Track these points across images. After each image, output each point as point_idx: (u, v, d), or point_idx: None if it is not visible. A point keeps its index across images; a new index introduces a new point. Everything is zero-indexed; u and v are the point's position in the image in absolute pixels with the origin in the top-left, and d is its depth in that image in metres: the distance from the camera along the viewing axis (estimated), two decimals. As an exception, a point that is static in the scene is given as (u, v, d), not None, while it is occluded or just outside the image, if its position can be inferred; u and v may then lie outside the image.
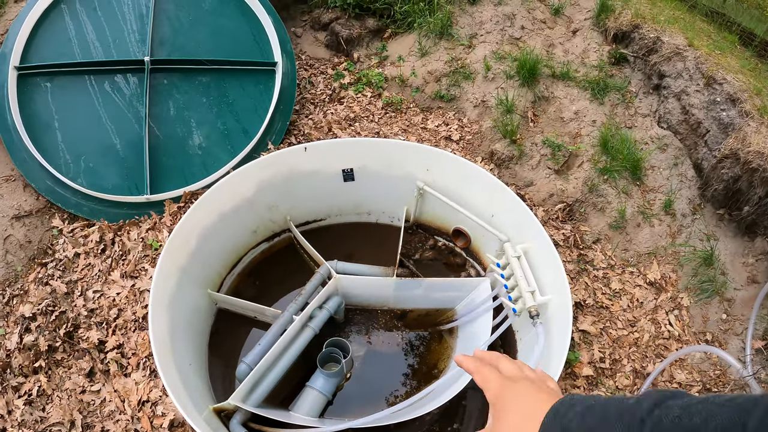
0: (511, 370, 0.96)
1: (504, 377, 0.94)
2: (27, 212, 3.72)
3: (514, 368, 0.96)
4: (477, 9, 5.02)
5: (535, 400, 0.86)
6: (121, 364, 3.18)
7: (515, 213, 3.06)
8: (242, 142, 4.03)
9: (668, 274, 3.82)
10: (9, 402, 3.04)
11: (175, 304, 2.81)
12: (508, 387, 0.90)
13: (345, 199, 3.63)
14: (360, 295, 3.36)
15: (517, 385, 0.90)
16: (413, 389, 3.19)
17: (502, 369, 0.97)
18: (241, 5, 4.42)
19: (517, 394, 0.89)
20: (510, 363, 0.98)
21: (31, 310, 3.32)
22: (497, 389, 0.91)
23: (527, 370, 0.97)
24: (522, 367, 0.98)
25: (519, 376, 0.94)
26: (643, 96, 4.49)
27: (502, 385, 0.92)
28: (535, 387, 0.89)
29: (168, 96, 4.04)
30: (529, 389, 0.89)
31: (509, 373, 0.95)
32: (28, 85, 3.89)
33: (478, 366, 0.99)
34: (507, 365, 0.98)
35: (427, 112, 4.76)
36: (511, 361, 0.99)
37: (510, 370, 0.96)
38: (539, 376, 0.96)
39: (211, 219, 3.08)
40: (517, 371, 0.95)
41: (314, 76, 5.04)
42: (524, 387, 0.89)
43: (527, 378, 0.93)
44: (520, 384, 0.90)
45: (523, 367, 0.98)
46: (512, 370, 0.96)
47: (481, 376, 0.96)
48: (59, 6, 4.09)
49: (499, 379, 0.93)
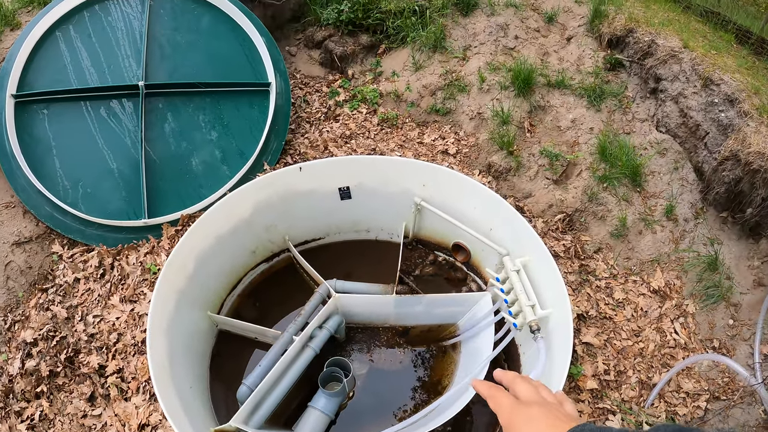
0: (527, 393, 0.93)
1: (517, 401, 0.91)
2: (27, 238, 3.74)
3: (530, 391, 0.93)
4: (470, 21, 5.03)
5: (547, 426, 0.83)
6: (121, 388, 3.18)
7: (513, 226, 3.04)
8: (238, 163, 4.04)
9: (672, 281, 3.78)
10: (12, 427, 3.04)
11: (174, 327, 2.80)
12: (521, 412, 0.88)
13: (343, 218, 3.62)
14: (360, 314, 3.34)
15: (530, 410, 0.87)
16: (417, 406, 3.16)
17: (518, 392, 0.95)
18: (234, 27, 4.44)
19: (529, 419, 0.86)
20: (526, 385, 0.96)
21: (32, 336, 3.32)
22: (509, 414, 0.89)
23: (545, 392, 0.95)
24: (539, 389, 0.95)
25: (533, 399, 0.91)
26: (641, 101, 4.47)
27: (514, 409, 0.89)
28: (548, 412, 0.86)
29: (163, 120, 4.06)
30: (541, 414, 0.86)
31: (524, 397, 0.93)
32: (26, 113, 3.91)
33: (492, 391, 0.96)
34: (523, 388, 0.95)
35: (423, 127, 4.75)
36: (528, 383, 0.96)
37: (525, 394, 0.93)
38: (557, 399, 0.93)
39: (209, 241, 3.08)
40: (533, 394, 0.93)
41: (309, 94, 5.05)
42: (537, 412, 0.86)
43: (542, 402, 0.90)
44: (533, 408, 0.87)
45: (541, 389, 0.96)
46: (528, 394, 0.93)
47: (494, 401, 0.94)
48: (54, 34, 4.12)
49: (511, 404, 0.90)
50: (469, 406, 2.86)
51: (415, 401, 3.21)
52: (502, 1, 5.10)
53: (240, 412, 2.66)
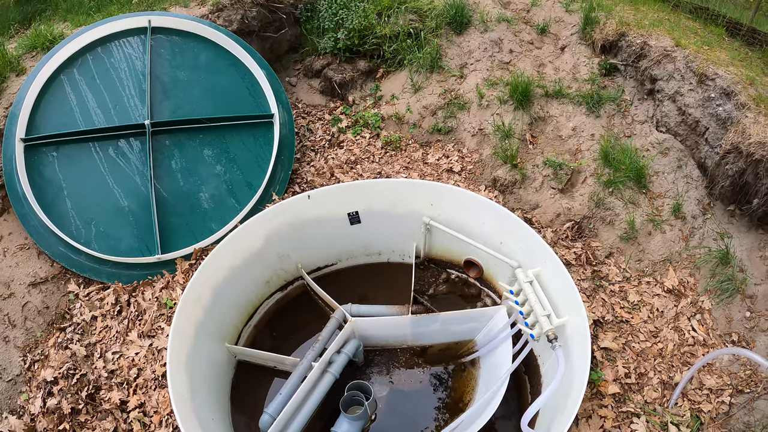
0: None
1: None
2: (43, 279, 3.78)
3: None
4: (464, 39, 5.09)
5: None
6: (144, 422, 3.19)
7: (523, 238, 3.07)
8: (247, 195, 4.09)
9: (686, 279, 3.77)
10: (37, 465, 3.05)
11: (193, 360, 2.83)
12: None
13: (354, 242, 3.66)
14: (377, 336, 3.36)
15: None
16: (440, 425, 3.16)
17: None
18: (234, 61, 4.53)
19: None
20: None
21: (52, 374, 3.35)
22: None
23: None
24: None
25: None
26: (638, 103, 4.50)
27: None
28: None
29: (171, 156, 4.12)
30: None
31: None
32: (35, 156, 3.97)
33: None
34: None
35: (427, 147, 4.80)
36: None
37: None
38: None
39: (223, 273, 3.12)
40: None
41: (312, 123, 5.12)
42: None
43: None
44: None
45: None
46: None
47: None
48: (59, 77, 4.19)
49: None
50: (493, 422, 2.86)
51: (438, 420, 3.21)
52: (494, 16, 5.16)
53: (263, 441, 2.68)
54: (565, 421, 2.45)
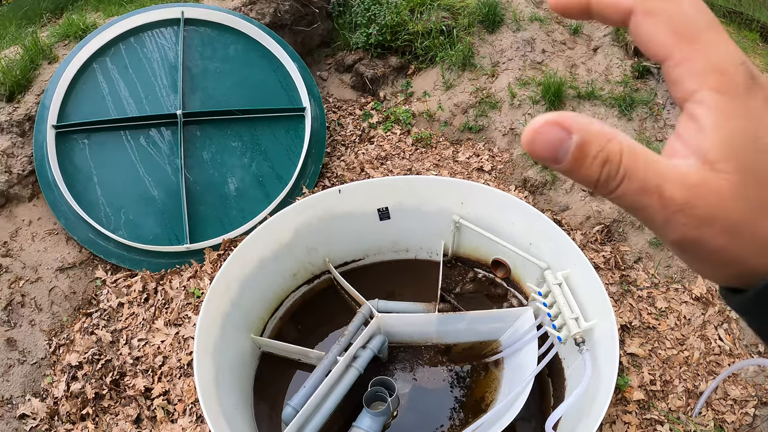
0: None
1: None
2: (71, 264, 3.82)
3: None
4: (496, 37, 5.06)
5: None
6: (167, 410, 3.21)
7: (553, 239, 3.04)
8: (277, 187, 4.11)
9: (714, 287, 3.72)
10: (57, 448, 3.08)
11: (219, 350, 2.84)
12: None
13: (382, 238, 3.65)
14: (403, 333, 3.35)
15: None
16: (461, 425, 3.15)
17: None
18: (266, 54, 4.54)
19: None
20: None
21: (77, 359, 3.38)
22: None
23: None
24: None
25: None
26: (671, 107, 4.44)
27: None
28: None
29: (202, 147, 4.15)
30: None
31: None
32: (67, 143, 4.01)
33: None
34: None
35: (457, 145, 4.79)
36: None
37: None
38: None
39: (252, 265, 3.13)
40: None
41: (343, 117, 5.12)
42: None
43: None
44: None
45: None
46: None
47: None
48: (92, 66, 4.23)
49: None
50: (514, 424, 2.84)
51: (459, 420, 3.20)
52: (527, 15, 5.12)
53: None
54: (591, 425, 2.43)
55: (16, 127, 3.99)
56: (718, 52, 0.35)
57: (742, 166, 0.34)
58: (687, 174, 0.35)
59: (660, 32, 0.36)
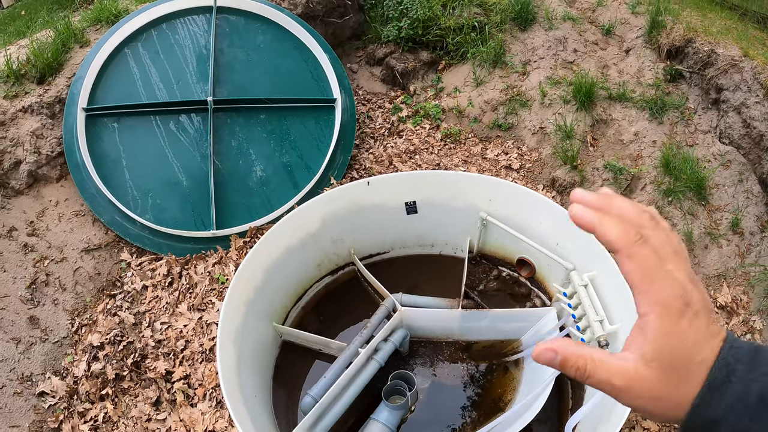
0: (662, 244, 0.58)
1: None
2: (96, 246, 3.86)
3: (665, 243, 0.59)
4: (528, 35, 5.02)
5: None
6: (187, 394, 3.24)
7: (580, 240, 3.00)
8: (305, 177, 4.12)
9: (739, 297, 3.67)
10: (75, 427, 3.12)
11: (241, 337, 2.85)
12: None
13: (408, 232, 3.64)
14: (425, 328, 3.34)
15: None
16: (478, 423, 3.13)
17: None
18: (298, 44, 4.55)
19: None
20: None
21: (99, 340, 3.42)
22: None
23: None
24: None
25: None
26: (702, 112, 4.37)
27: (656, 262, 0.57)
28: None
29: (231, 134, 4.17)
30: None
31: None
32: (96, 125, 4.05)
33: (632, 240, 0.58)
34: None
35: (486, 142, 4.76)
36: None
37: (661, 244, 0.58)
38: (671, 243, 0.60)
39: (278, 253, 3.14)
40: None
41: (372, 110, 5.12)
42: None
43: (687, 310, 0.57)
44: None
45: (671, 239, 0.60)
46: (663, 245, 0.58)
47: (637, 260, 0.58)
48: (123, 50, 4.27)
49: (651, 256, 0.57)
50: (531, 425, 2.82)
51: (476, 418, 3.18)
52: (559, 14, 5.07)
53: (303, 422, 2.68)
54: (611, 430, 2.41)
55: (46, 108, 4.04)
56: (665, 290, 0.55)
57: (664, 364, 0.55)
58: (628, 369, 0.56)
59: (634, 271, 0.57)
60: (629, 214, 0.60)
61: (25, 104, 3.98)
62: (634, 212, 0.60)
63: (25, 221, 3.77)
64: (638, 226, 0.58)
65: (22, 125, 3.94)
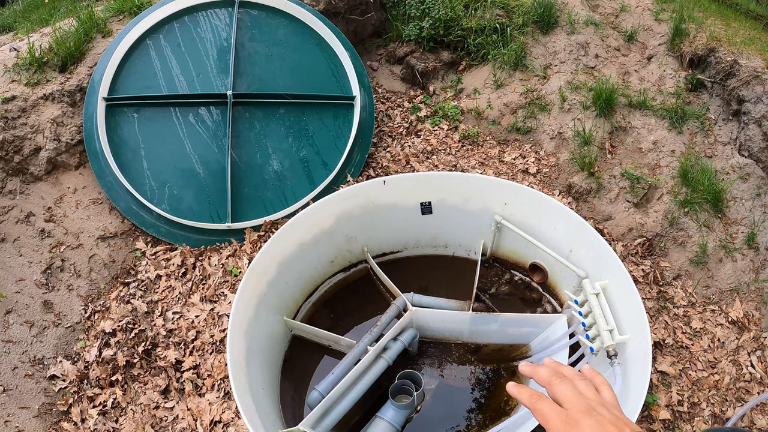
0: (570, 398, 0.79)
1: (565, 417, 0.76)
2: (112, 234, 3.90)
3: (572, 395, 0.79)
4: (550, 39, 4.99)
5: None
6: (196, 384, 3.27)
7: (594, 248, 2.99)
8: (322, 174, 4.13)
9: (751, 312, 3.63)
10: (84, 411, 3.17)
11: (252, 329, 2.88)
12: (572, 428, 0.75)
13: (422, 232, 3.65)
14: (435, 329, 3.35)
15: (582, 427, 0.74)
16: (483, 425, 3.14)
17: (558, 397, 0.80)
18: (319, 41, 4.56)
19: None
20: (565, 387, 0.80)
21: (111, 326, 3.46)
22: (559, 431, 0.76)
23: (584, 387, 0.81)
24: (578, 385, 0.81)
25: (580, 407, 0.77)
26: (723, 123, 4.33)
27: (565, 426, 0.75)
28: (600, 426, 0.73)
29: (249, 128, 4.19)
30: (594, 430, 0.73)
31: (568, 404, 0.78)
32: (116, 115, 4.09)
33: (534, 401, 0.81)
34: (563, 391, 0.80)
35: (504, 145, 4.74)
36: (567, 384, 0.81)
37: (568, 399, 0.79)
38: (598, 396, 0.80)
39: (291, 249, 3.16)
40: (577, 399, 0.78)
41: (391, 109, 5.12)
42: (591, 429, 0.73)
43: (589, 410, 0.76)
44: (584, 425, 0.74)
45: (579, 383, 0.82)
46: (570, 399, 0.78)
47: (539, 415, 0.79)
48: (145, 42, 4.30)
49: (561, 420, 0.76)
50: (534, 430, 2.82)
51: (481, 421, 3.19)
52: (582, 19, 5.03)
53: (309, 417, 2.70)
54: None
55: (67, 96, 4.09)
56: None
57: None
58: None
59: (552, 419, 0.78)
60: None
61: (47, 92, 4.03)
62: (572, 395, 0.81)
63: (43, 207, 3.82)
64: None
65: (43, 112, 3.99)
